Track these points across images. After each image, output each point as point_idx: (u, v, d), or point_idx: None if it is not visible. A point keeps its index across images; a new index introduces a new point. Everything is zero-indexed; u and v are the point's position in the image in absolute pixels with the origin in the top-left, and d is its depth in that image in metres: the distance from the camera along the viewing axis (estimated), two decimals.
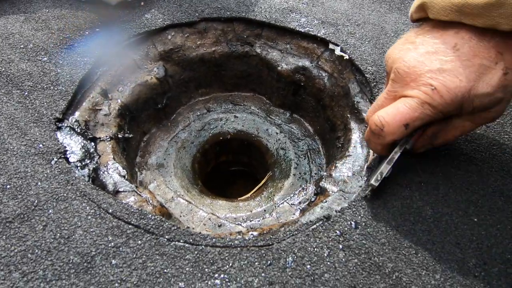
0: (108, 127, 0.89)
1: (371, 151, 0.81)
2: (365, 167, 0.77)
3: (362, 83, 0.96)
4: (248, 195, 1.10)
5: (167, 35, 1.10)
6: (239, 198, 1.09)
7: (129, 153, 0.99)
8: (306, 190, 1.04)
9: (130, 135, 0.98)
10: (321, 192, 0.80)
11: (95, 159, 0.77)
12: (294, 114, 1.24)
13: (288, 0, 1.18)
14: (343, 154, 0.87)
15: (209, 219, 0.95)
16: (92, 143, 0.80)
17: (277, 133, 1.22)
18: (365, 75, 0.93)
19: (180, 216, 0.95)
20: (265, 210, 0.99)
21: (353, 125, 0.93)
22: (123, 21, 1.05)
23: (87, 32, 0.98)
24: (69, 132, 0.77)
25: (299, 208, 0.99)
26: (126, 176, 0.79)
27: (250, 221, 0.96)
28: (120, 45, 1.00)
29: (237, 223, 0.95)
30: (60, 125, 0.77)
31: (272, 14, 1.13)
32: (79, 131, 0.80)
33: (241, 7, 1.15)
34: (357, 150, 0.85)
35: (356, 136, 0.89)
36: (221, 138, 1.25)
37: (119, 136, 0.91)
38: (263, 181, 1.12)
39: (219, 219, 0.95)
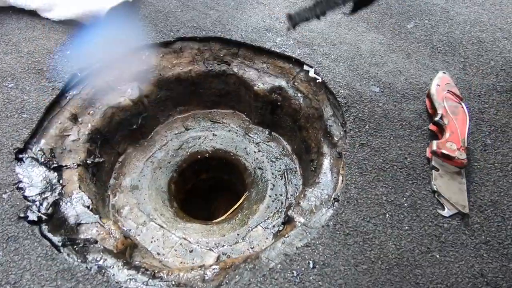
0: (77, 153, 0.88)
1: (340, 179, 0.80)
2: (332, 197, 0.76)
3: (335, 106, 0.95)
4: (223, 217, 1.09)
5: (141, 55, 1.09)
6: (213, 221, 1.07)
7: (100, 177, 0.98)
8: (280, 213, 1.02)
9: (101, 160, 0.97)
10: (288, 222, 0.79)
11: (57, 190, 0.76)
12: (273, 132, 1.23)
13: (265, 19, 1.17)
14: (313, 180, 0.86)
15: (181, 244, 0.94)
16: (56, 173, 0.79)
17: (255, 152, 1.20)
18: (337, 99, 0.93)
19: (151, 242, 0.93)
20: (238, 234, 0.98)
21: (326, 149, 0.92)
22: (96, 42, 1.04)
23: (57, 56, 0.97)
24: (30, 163, 0.76)
25: (272, 232, 0.98)
26: (90, 206, 0.77)
27: (222, 246, 0.95)
28: (91, 67, 0.99)
29: (208, 248, 0.93)
30: (21, 155, 0.75)
31: (248, 34, 1.12)
32: (42, 160, 0.78)
33: (217, 26, 1.14)
34: (327, 177, 0.84)
35: (327, 162, 0.88)
36: (199, 156, 1.23)
37: (88, 162, 0.90)
38: (239, 203, 1.11)
39: (191, 244, 0.94)
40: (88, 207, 0.77)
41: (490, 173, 0.77)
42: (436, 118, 0.82)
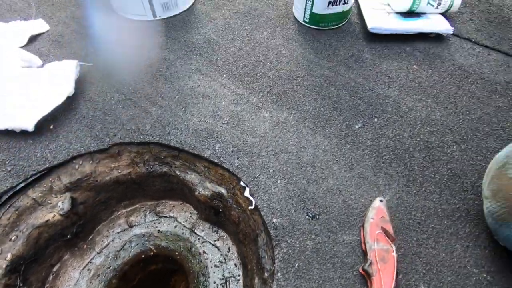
0: None
1: None
2: None
3: (268, 235, 0.90)
4: None
5: (74, 165, 1.04)
6: None
7: None
8: None
9: None
10: None
11: None
12: (220, 230, 1.19)
13: (207, 118, 1.12)
14: None
15: None
16: None
17: (200, 254, 1.16)
18: (268, 229, 0.88)
19: None
20: None
21: (256, 283, 0.88)
22: (22, 157, 0.99)
23: None
24: None
25: None
26: None
27: None
28: (14, 188, 0.94)
29: None
30: None
31: (187, 138, 1.07)
32: None
33: (157, 129, 1.09)
34: None
35: None
36: (143, 256, 1.19)
37: None
38: None
39: None
40: None
41: None
42: (366, 265, 0.78)
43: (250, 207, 0.93)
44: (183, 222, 1.22)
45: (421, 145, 1.07)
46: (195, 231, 1.20)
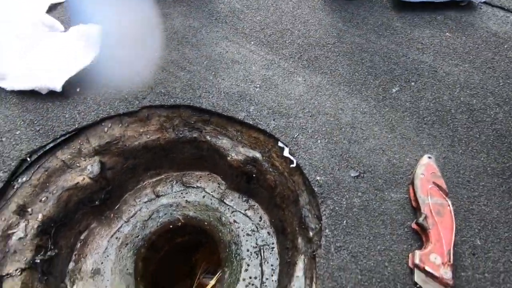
0: (22, 253, 0.79)
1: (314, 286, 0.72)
2: None
3: (311, 193, 0.86)
4: None
5: (103, 127, 1.00)
6: None
7: (55, 270, 0.89)
8: None
9: (55, 252, 0.88)
10: None
11: None
12: (251, 199, 1.15)
13: (238, 82, 1.09)
14: (286, 284, 0.78)
15: None
16: None
17: (230, 223, 1.12)
18: (313, 187, 0.84)
19: None
20: None
21: (300, 243, 0.84)
22: (50, 118, 0.95)
23: (4, 137, 0.89)
24: None
25: None
26: None
27: None
28: (42, 149, 0.90)
29: None
30: None
31: (220, 101, 1.03)
32: None
33: (187, 93, 1.05)
34: (300, 284, 0.75)
35: (301, 262, 0.79)
36: (171, 226, 1.15)
37: (37, 260, 0.81)
38: (210, 285, 1.02)
39: None
40: None
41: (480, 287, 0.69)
42: (420, 219, 0.74)
43: (291, 165, 0.89)
44: (212, 192, 1.18)
45: (462, 107, 1.03)
46: (225, 201, 1.16)
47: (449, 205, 0.76)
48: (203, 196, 1.18)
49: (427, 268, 0.67)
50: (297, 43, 1.22)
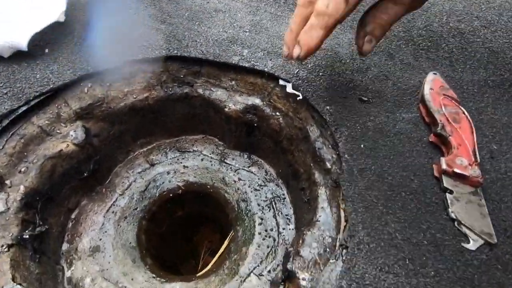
0: (6, 229, 0.68)
1: (342, 215, 0.68)
2: (338, 242, 0.64)
3: (321, 125, 0.82)
4: (208, 267, 0.93)
5: (82, 87, 0.89)
6: (198, 274, 0.91)
7: (47, 249, 0.78)
8: (275, 253, 0.89)
9: (45, 227, 0.77)
10: (289, 278, 0.65)
11: None
12: (253, 155, 1.09)
13: (226, 28, 1.01)
14: (310, 218, 0.73)
15: None
16: None
17: (235, 181, 1.05)
18: (324, 117, 0.80)
19: None
20: None
21: (318, 177, 0.79)
22: (18, 79, 0.82)
23: None
24: None
25: (268, 280, 0.84)
26: None
27: None
28: (14, 113, 0.78)
29: None
30: None
31: (209, 48, 0.96)
32: None
33: (172, 43, 0.97)
34: (326, 214, 0.71)
35: (323, 193, 0.75)
36: (171, 195, 1.06)
37: (25, 236, 0.70)
38: (223, 247, 0.96)
39: None
40: None
41: (505, 186, 0.69)
42: (438, 129, 0.72)
43: (298, 98, 0.84)
44: (210, 154, 1.10)
45: (453, 31, 1.03)
46: (225, 160, 1.09)
47: (463, 112, 0.75)
48: (202, 159, 1.10)
49: (456, 170, 0.65)
50: None
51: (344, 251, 0.61)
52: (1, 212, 0.68)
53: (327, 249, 0.65)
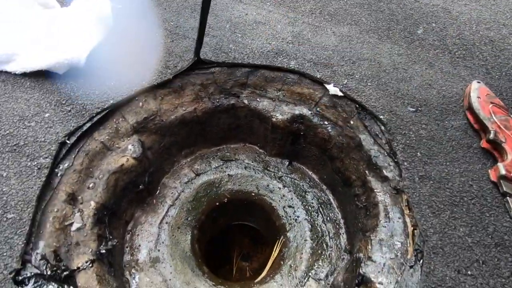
0: (86, 244, 0.69)
1: (408, 221, 0.71)
2: (412, 247, 0.67)
3: (375, 134, 0.86)
4: (264, 273, 0.95)
5: (137, 102, 0.91)
6: (256, 280, 0.94)
7: (115, 262, 0.80)
8: (329, 258, 0.92)
9: (115, 242, 0.78)
10: (363, 282, 0.68)
11: None
12: (294, 162, 1.12)
13: (270, 40, 1.04)
14: (374, 223, 0.77)
15: None
16: (69, 285, 0.60)
17: (279, 188, 1.08)
18: (379, 126, 0.83)
19: None
20: None
21: (375, 184, 0.83)
22: (79, 96, 0.83)
23: (33, 122, 0.76)
24: (36, 283, 0.57)
25: (328, 284, 0.87)
26: None
27: None
28: (79, 130, 0.79)
29: None
30: (21, 277, 0.56)
31: (256, 61, 0.99)
32: (49, 272, 0.59)
33: (220, 56, 0.99)
34: (391, 220, 0.75)
35: (383, 200, 0.79)
36: (217, 204, 1.08)
37: (102, 251, 0.72)
38: (276, 252, 0.98)
39: None
40: None
41: None
42: (491, 136, 0.77)
43: (353, 106, 0.87)
44: (252, 162, 1.13)
45: (484, 39, 1.08)
46: (268, 168, 1.12)
47: None
48: (245, 167, 1.13)
49: None
50: (313, 0, 1.20)
51: (419, 255, 0.65)
52: (79, 229, 0.70)
53: (399, 254, 0.68)
